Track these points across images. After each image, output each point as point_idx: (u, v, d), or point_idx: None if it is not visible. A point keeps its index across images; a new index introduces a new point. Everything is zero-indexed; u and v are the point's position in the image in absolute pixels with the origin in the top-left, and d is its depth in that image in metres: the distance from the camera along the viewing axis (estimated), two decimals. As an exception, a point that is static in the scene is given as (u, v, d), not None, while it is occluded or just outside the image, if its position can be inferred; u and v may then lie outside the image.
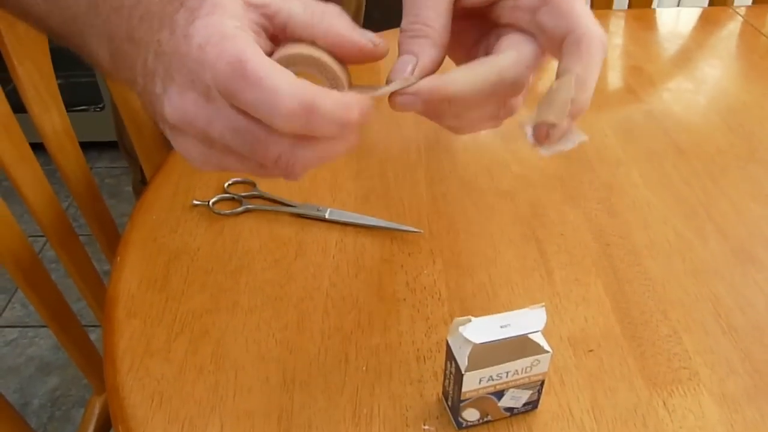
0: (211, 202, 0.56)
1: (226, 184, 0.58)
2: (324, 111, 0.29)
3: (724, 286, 0.49)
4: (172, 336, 0.45)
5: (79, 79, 1.79)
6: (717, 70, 0.77)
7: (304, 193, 0.58)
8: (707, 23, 0.89)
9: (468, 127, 0.38)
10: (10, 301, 1.49)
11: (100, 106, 1.88)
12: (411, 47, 0.36)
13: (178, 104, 0.31)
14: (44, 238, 0.65)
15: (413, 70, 0.35)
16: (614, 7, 0.99)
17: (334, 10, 0.33)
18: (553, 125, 0.33)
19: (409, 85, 0.34)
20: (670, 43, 0.84)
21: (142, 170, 0.84)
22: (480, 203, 0.57)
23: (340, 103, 0.30)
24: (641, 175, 0.60)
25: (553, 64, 0.36)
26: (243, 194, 0.57)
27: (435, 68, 0.36)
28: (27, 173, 0.63)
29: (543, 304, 0.36)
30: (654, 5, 1.00)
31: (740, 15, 0.89)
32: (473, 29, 0.39)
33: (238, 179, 0.59)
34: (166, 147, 0.80)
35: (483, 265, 0.51)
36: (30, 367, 1.35)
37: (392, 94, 0.34)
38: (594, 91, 0.35)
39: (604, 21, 0.89)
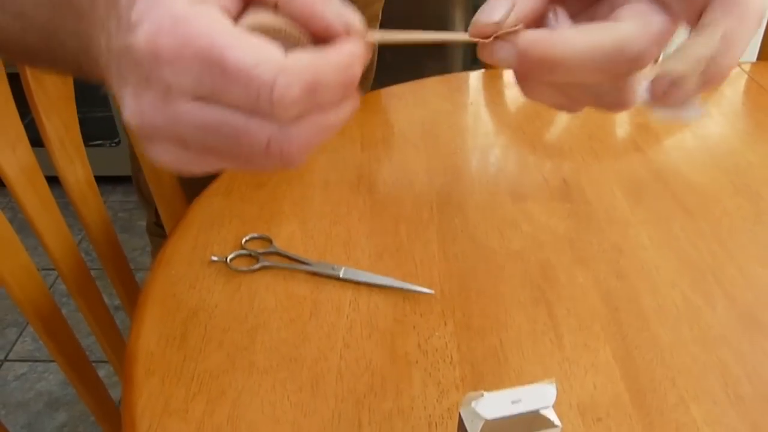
0: (228, 259, 0.58)
1: (243, 240, 0.60)
2: (329, 82, 0.25)
3: (731, 354, 0.49)
4: (190, 395, 0.47)
5: (95, 114, 1.82)
6: (723, 127, 0.79)
7: (319, 250, 0.59)
8: (714, 80, 0.91)
9: (567, 104, 0.32)
10: (21, 334, 1.51)
11: (116, 141, 1.92)
12: None
13: (134, 108, 0.26)
14: (56, 272, 0.66)
15: (508, 14, 0.28)
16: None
17: None
18: (679, 79, 0.26)
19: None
20: (678, 99, 0.86)
21: (156, 212, 0.86)
22: (491, 263, 0.58)
23: (342, 64, 0.26)
24: (649, 236, 0.61)
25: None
26: (260, 251, 0.59)
27: (533, 23, 0.29)
28: (50, 223, 0.65)
29: (553, 380, 0.37)
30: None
31: (745, 71, 0.91)
32: None
33: (255, 235, 0.61)
34: (185, 195, 0.82)
35: (494, 327, 0.52)
36: (39, 402, 1.36)
37: (488, 44, 0.28)
38: (737, 56, 0.27)
39: (612, 76, 0.91)
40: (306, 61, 0.24)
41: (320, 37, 0.27)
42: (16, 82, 0.62)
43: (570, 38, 0.27)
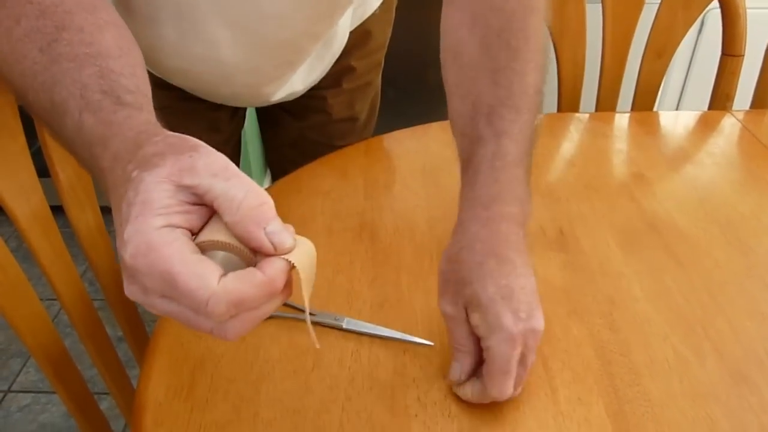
0: (234, 308, 0.60)
1: (249, 290, 0.62)
2: (251, 298, 0.34)
3: (719, 409, 0.51)
4: (197, 447, 0.48)
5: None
6: (716, 177, 0.81)
7: (322, 300, 0.61)
8: (706, 128, 0.93)
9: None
10: (24, 365, 1.52)
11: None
12: (459, 358, 0.51)
13: (125, 286, 0.36)
14: (59, 303, 0.68)
15: (461, 374, 0.51)
16: (618, 107, 1.05)
17: (253, 198, 0.35)
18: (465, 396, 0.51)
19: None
20: (672, 148, 0.89)
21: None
22: (488, 315, 0.60)
23: (264, 283, 0.34)
24: (642, 288, 0.63)
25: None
26: (265, 300, 0.61)
27: (472, 367, 0.51)
28: (62, 271, 0.67)
29: (546, 441, 0.39)
30: (656, 106, 1.05)
31: (738, 120, 0.94)
32: None
33: (261, 284, 0.63)
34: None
35: (490, 380, 0.53)
36: (41, 434, 1.37)
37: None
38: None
39: (608, 124, 0.94)
40: (231, 285, 0.33)
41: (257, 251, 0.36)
42: (25, 112, 0.63)
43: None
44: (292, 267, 0.35)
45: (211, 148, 0.37)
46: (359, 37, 0.88)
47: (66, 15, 0.45)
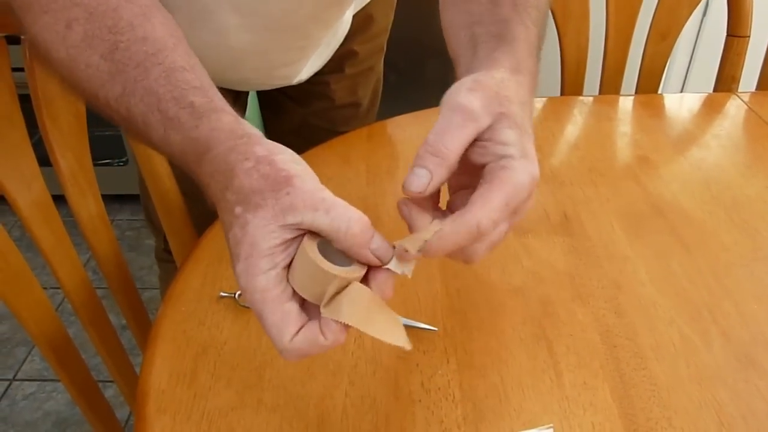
0: (237, 295, 0.59)
1: (251, 276, 0.62)
2: (319, 349, 0.39)
3: (727, 393, 0.51)
4: (200, 434, 0.48)
5: (103, 132, 1.84)
6: (722, 160, 0.80)
7: (324, 286, 0.61)
8: (711, 110, 0.92)
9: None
10: (29, 353, 1.53)
11: (123, 160, 1.94)
12: (428, 163, 0.41)
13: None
14: (62, 291, 0.68)
15: (428, 184, 0.41)
16: (622, 91, 1.03)
17: (356, 226, 0.39)
18: (406, 251, 0.40)
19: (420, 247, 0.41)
20: (677, 130, 0.88)
21: (165, 239, 0.87)
22: (492, 300, 0.59)
23: (324, 346, 0.39)
24: (648, 272, 0.62)
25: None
26: (267, 286, 0.61)
27: (440, 186, 0.42)
28: (64, 260, 0.67)
29: (551, 425, 0.38)
30: (660, 89, 1.04)
31: (744, 102, 0.93)
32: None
33: (263, 271, 0.62)
34: (193, 226, 0.84)
35: (495, 365, 0.53)
36: (47, 422, 1.37)
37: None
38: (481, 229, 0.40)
39: (612, 107, 0.93)
40: (299, 345, 0.38)
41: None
42: (26, 102, 0.63)
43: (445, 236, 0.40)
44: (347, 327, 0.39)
45: (304, 177, 0.39)
46: (361, 21, 0.87)
47: (112, 12, 0.46)
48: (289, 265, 0.39)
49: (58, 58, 0.47)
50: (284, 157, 0.40)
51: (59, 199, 0.67)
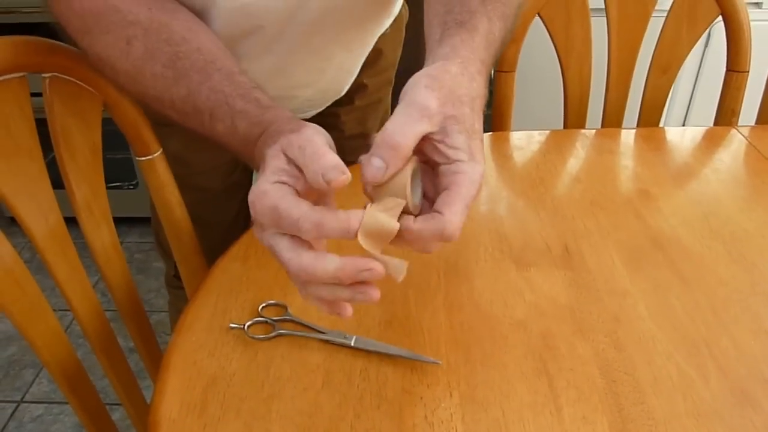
0: (246, 326, 0.61)
1: (260, 307, 0.63)
2: (329, 224, 0.42)
3: (723, 428, 0.52)
4: (209, 464, 0.49)
5: (114, 156, 1.87)
6: (721, 194, 0.82)
7: (331, 318, 0.62)
8: (712, 144, 0.94)
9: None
10: (37, 375, 1.54)
11: (134, 183, 1.97)
12: (383, 154, 0.45)
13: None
14: (70, 313, 0.69)
15: (384, 174, 0.45)
16: (624, 124, 1.05)
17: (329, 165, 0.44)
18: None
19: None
20: (677, 164, 0.89)
21: (175, 265, 0.89)
22: (495, 333, 0.61)
23: (341, 218, 0.43)
24: (647, 306, 0.64)
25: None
26: (275, 318, 0.62)
27: (393, 175, 0.46)
28: (77, 288, 0.69)
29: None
30: (662, 122, 1.06)
31: (744, 135, 0.95)
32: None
33: (272, 302, 0.64)
34: (204, 255, 0.86)
35: (497, 399, 0.54)
36: (54, 445, 1.38)
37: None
38: None
39: (614, 140, 0.95)
40: (315, 210, 0.43)
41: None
42: (42, 127, 0.66)
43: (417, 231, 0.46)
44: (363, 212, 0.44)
45: (310, 130, 0.46)
46: (371, 55, 0.90)
47: (165, 28, 0.56)
48: (296, 192, 0.44)
49: (123, 69, 0.57)
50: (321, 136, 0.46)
51: (71, 221, 0.69)
